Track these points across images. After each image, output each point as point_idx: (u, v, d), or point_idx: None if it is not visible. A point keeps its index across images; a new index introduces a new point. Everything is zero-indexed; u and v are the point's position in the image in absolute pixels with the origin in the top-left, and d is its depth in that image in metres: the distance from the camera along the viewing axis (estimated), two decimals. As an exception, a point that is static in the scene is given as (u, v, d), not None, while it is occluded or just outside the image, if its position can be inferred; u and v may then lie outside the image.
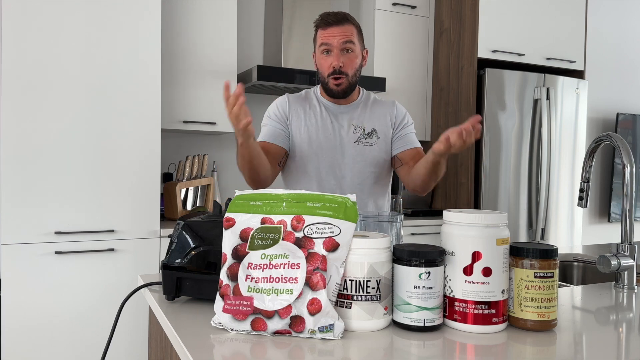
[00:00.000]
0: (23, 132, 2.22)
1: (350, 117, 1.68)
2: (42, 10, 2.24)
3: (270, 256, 0.86)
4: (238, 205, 0.91)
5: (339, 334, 0.85)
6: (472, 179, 3.15)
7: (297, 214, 0.88)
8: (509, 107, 3.16)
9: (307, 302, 0.84)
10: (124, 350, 2.40)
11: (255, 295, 0.85)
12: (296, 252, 0.86)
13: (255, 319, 0.85)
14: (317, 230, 0.87)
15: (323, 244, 0.86)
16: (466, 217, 0.90)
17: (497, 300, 0.88)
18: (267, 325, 0.84)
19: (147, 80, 2.43)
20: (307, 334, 0.85)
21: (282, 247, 0.87)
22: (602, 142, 1.34)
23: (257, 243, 0.88)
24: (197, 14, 2.77)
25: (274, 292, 0.85)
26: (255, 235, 0.88)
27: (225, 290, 0.87)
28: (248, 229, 0.89)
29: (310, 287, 0.84)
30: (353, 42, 1.60)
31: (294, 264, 0.85)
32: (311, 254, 0.86)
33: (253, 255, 0.87)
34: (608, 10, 4.27)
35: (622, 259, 1.23)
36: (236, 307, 0.85)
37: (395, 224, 1.19)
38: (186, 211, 2.75)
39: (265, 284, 0.85)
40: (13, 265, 2.20)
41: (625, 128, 4.21)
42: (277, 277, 0.85)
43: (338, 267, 0.86)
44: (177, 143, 3.06)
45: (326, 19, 1.60)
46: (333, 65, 1.59)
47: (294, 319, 0.84)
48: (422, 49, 3.44)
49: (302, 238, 0.87)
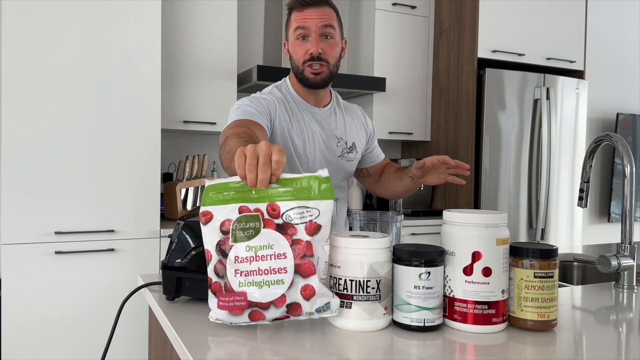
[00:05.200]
0: (23, 132, 2.22)
1: (333, 127, 1.53)
2: (42, 11, 2.24)
3: (255, 248, 0.84)
4: (211, 198, 0.87)
5: (336, 309, 0.86)
6: (472, 179, 3.15)
7: (270, 201, 0.85)
8: (509, 107, 3.16)
9: (300, 289, 0.84)
10: (124, 350, 2.40)
11: (247, 290, 0.84)
12: (280, 240, 0.84)
13: (252, 312, 0.85)
14: (296, 215, 0.84)
15: (305, 229, 0.84)
16: (466, 217, 0.90)
17: (497, 300, 0.88)
18: (265, 315, 0.85)
19: (147, 81, 2.43)
20: (305, 316, 0.85)
21: (266, 236, 0.84)
22: (602, 142, 1.34)
23: (240, 235, 0.85)
24: (197, 14, 2.77)
25: (265, 284, 0.84)
26: (236, 227, 0.85)
27: (217, 287, 0.86)
28: (227, 221, 0.85)
29: (300, 275, 0.84)
30: (333, 27, 1.41)
31: (280, 254, 0.84)
32: (295, 241, 0.84)
33: (238, 249, 0.85)
34: (608, 10, 4.27)
35: (622, 259, 1.23)
36: (231, 303, 0.85)
37: (395, 224, 1.19)
38: (186, 211, 2.75)
39: (255, 276, 0.84)
40: (13, 265, 2.20)
41: (625, 128, 4.21)
42: (266, 269, 0.84)
43: (323, 247, 0.86)
44: (177, 143, 3.06)
45: (303, 1, 1.39)
46: (311, 52, 1.39)
47: (290, 306, 0.84)
48: (422, 49, 3.44)
49: (282, 225, 0.85)
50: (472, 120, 3.15)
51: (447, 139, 3.35)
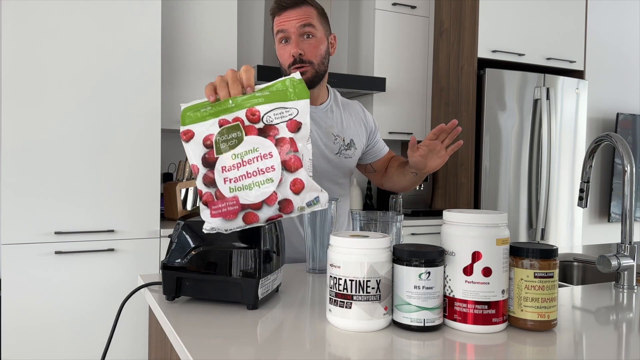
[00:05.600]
0: (23, 132, 2.22)
1: (330, 125, 1.54)
2: (42, 10, 2.24)
3: (241, 154, 0.87)
4: (190, 117, 0.89)
5: (325, 202, 0.88)
6: (472, 179, 3.15)
7: (249, 106, 0.88)
8: (509, 107, 3.16)
9: (289, 184, 0.86)
10: (124, 350, 2.40)
11: (239, 194, 0.86)
12: (263, 142, 0.86)
13: (246, 214, 0.87)
14: (276, 116, 0.87)
15: (287, 126, 0.87)
16: (466, 217, 0.90)
17: (497, 300, 0.88)
18: (259, 216, 0.87)
19: (147, 80, 2.43)
20: (297, 212, 0.88)
21: (249, 142, 0.87)
22: (602, 142, 1.34)
23: (224, 146, 0.87)
24: (197, 14, 2.77)
25: (255, 185, 0.86)
26: (219, 140, 0.87)
27: (208, 197, 0.87)
28: (210, 136, 0.88)
29: (287, 170, 0.86)
30: (313, 26, 1.40)
31: (265, 155, 0.86)
32: (279, 140, 0.87)
33: (223, 159, 0.87)
34: (608, 10, 4.27)
35: (622, 259, 1.23)
36: (224, 209, 0.86)
37: (395, 224, 1.20)
38: (186, 211, 2.75)
39: (245, 180, 0.86)
40: (13, 265, 2.20)
41: (625, 128, 4.21)
42: (254, 171, 0.86)
43: (305, 145, 0.88)
44: (177, 143, 3.06)
45: (279, 3, 1.40)
46: (292, 54, 1.39)
47: (281, 203, 0.87)
48: (422, 49, 3.44)
49: (263, 128, 0.87)
50: (472, 120, 3.15)
51: (447, 139, 3.35)
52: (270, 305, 1.03)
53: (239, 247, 0.99)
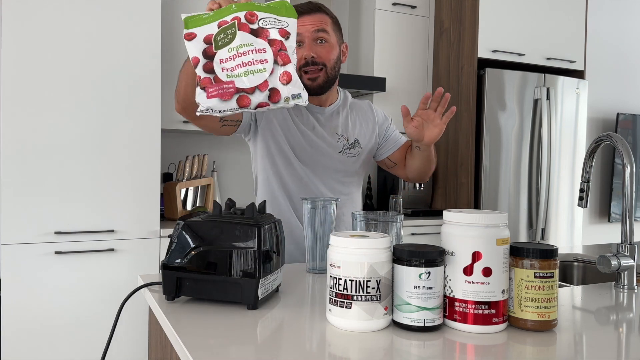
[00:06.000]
0: (23, 132, 2.22)
1: (335, 125, 1.57)
2: (42, 11, 2.24)
3: (236, 47, 0.98)
4: (193, 21, 1.01)
5: (306, 100, 1.00)
6: (472, 179, 3.15)
7: (249, 9, 0.99)
8: (509, 107, 3.16)
9: (279, 75, 0.99)
10: (124, 350, 2.40)
11: (235, 79, 0.97)
12: (257, 40, 0.99)
13: (240, 97, 0.97)
14: (270, 22, 1.00)
15: (278, 32, 1.00)
16: (466, 217, 0.90)
17: (497, 300, 0.88)
18: (251, 100, 0.97)
19: (147, 80, 2.43)
20: (282, 103, 0.99)
21: (243, 37, 0.98)
22: (602, 142, 1.34)
23: (221, 42, 0.98)
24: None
25: (250, 73, 0.97)
26: (217, 38, 0.99)
27: (206, 81, 0.98)
28: (209, 35, 0.99)
29: (278, 64, 0.99)
30: (326, 32, 1.46)
31: (260, 49, 0.98)
32: (272, 40, 0.99)
33: (221, 53, 0.98)
34: (608, 11, 4.27)
35: (622, 259, 1.23)
36: (221, 91, 0.97)
37: (395, 224, 1.20)
38: (186, 211, 2.75)
39: (240, 69, 0.97)
40: (13, 265, 2.20)
41: (625, 128, 4.21)
42: (249, 61, 0.97)
43: (292, 54, 1.00)
44: (177, 143, 3.06)
45: (296, 8, 1.47)
46: (305, 57, 1.43)
47: (271, 91, 0.98)
48: (422, 49, 3.44)
49: (257, 29, 0.99)
50: (472, 120, 3.15)
51: (447, 139, 3.35)
52: (270, 305, 1.03)
53: (239, 247, 0.99)
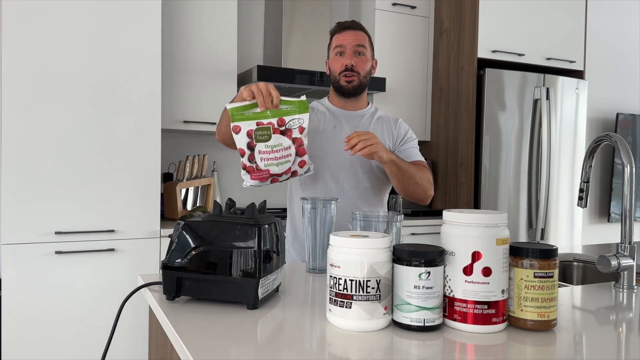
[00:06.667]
0: (23, 132, 2.22)
1: (355, 125, 1.74)
2: (42, 11, 2.24)
3: (272, 145, 1.39)
4: (238, 117, 1.37)
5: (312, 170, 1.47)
6: (472, 179, 3.15)
7: (279, 116, 1.39)
8: (509, 107, 3.16)
9: (298, 163, 1.43)
10: (124, 350, 2.41)
11: (270, 168, 1.40)
12: (285, 140, 1.39)
13: (272, 179, 1.42)
14: (293, 123, 1.40)
15: (298, 129, 1.40)
16: (466, 217, 0.90)
17: (497, 300, 0.88)
18: (279, 179, 1.43)
19: (147, 80, 2.43)
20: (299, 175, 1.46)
21: (275, 139, 1.39)
22: (602, 142, 1.34)
23: (260, 138, 1.38)
24: (197, 14, 2.77)
25: (280, 164, 1.40)
26: (257, 134, 1.37)
27: (250, 169, 1.40)
28: (250, 130, 1.37)
29: (298, 155, 1.42)
30: (364, 47, 1.70)
31: (286, 147, 1.40)
32: (294, 139, 1.40)
33: (260, 146, 1.38)
34: (608, 10, 4.27)
35: (622, 259, 1.23)
36: (260, 175, 1.40)
37: (395, 224, 1.20)
38: (186, 211, 2.75)
39: (274, 161, 1.40)
40: (13, 265, 2.20)
41: (625, 128, 4.21)
42: (280, 156, 1.40)
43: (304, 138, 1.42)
44: (177, 143, 3.06)
45: (342, 25, 1.73)
46: (346, 64, 1.68)
47: (292, 172, 1.44)
48: (422, 49, 3.44)
49: (284, 130, 1.40)
50: (472, 120, 3.15)
51: (447, 139, 3.36)
52: (270, 305, 1.03)
53: (239, 247, 0.99)
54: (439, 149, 3.43)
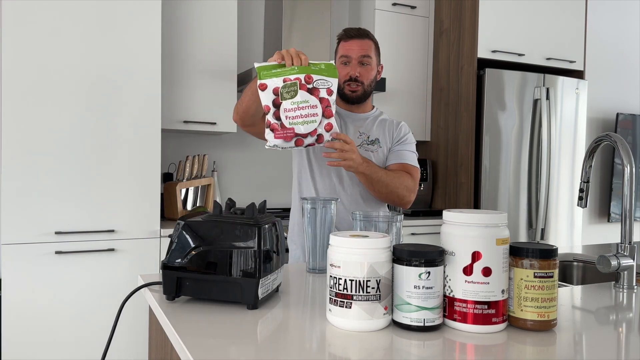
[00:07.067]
0: (23, 132, 2.22)
1: (358, 125, 1.79)
2: (42, 11, 2.24)
3: (298, 102, 1.37)
4: (265, 75, 1.37)
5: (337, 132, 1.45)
6: (472, 179, 3.15)
7: (307, 73, 1.38)
8: (509, 107, 3.16)
9: (325, 125, 1.41)
10: (124, 350, 2.41)
11: (295, 127, 1.37)
12: (312, 98, 1.38)
13: (297, 139, 1.38)
14: (321, 83, 1.39)
15: (326, 91, 1.40)
16: (466, 217, 0.90)
17: (497, 300, 0.88)
18: (304, 141, 1.39)
19: (147, 81, 2.43)
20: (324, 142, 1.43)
21: (302, 95, 1.37)
22: (602, 142, 1.34)
23: (286, 95, 1.36)
24: (197, 14, 2.77)
25: (306, 123, 1.38)
26: (283, 91, 1.36)
27: (274, 126, 1.37)
28: (277, 88, 1.36)
29: (325, 116, 1.40)
30: (370, 57, 1.76)
31: (313, 106, 1.38)
32: (322, 99, 1.40)
33: (286, 104, 1.36)
34: (608, 10, 4.27)
35: (622, 259, 1.23)
36: (284, 134, 1.37)
37: (395, 224, 1.20)
38: (186, 211, 2.75)
39: (299, 119, 1.37)
40: (13, 265, 2.20)
41: (625, 128, 4.21)
42: (306, 114, 1.38)
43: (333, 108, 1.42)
44: (177, 143, 3.06)
45: (349, 32, 1.77)
46: (350, 74, 1.74)
47: (318, 135, 1.41)
48: (422, 49, 3.44)
49: (312, 88, 1.38)
50: (472, 120, 3.15)
51: (447, 139, 3.35)
52: (270, 305, 1.03)
53: (239, 247, 0.99)
54: (439, 149, 3.43)
